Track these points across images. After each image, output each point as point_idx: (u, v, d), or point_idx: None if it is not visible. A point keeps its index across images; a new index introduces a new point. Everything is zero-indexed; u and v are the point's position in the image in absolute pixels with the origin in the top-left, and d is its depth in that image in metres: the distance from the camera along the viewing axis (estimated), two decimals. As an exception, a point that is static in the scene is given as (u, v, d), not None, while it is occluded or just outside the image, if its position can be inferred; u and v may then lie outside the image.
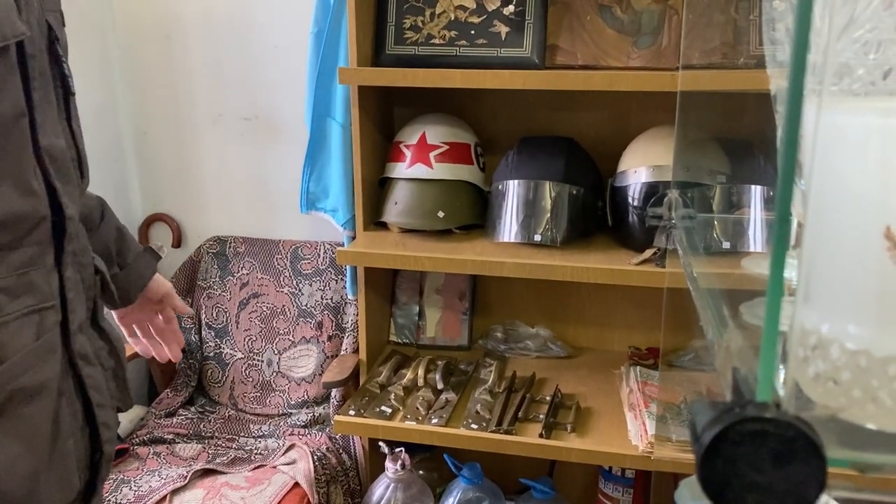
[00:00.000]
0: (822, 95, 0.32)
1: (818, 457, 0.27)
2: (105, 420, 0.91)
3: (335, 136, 1.66)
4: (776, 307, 0.27)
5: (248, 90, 1.92)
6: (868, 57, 0.36)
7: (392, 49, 1.55)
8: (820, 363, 0.32)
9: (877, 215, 0.31)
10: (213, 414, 1.88)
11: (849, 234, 0.32)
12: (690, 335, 1.52)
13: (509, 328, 1.83)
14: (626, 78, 1.38)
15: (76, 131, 0.88)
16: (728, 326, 0.41)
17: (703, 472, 0.27)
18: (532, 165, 1.55)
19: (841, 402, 0.31)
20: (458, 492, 1.60)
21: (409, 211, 1.58)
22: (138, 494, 1.54)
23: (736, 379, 0.30)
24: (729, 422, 0.27)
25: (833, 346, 0.32)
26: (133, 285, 1.14)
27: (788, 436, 0.26)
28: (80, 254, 0.89)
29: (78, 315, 0.87)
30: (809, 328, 0.33)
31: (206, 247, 1.97)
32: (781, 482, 0.27)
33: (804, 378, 0.33)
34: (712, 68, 1.23)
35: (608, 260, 1.44)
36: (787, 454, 0.27)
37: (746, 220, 1.19)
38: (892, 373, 0.30)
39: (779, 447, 0.27)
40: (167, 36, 1.92)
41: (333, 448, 1.74)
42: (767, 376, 0.28)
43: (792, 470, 0.27)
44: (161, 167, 2.04)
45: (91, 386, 0.88)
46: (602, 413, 1.52)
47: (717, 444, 0.27)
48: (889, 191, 0.30)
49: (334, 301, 1.87)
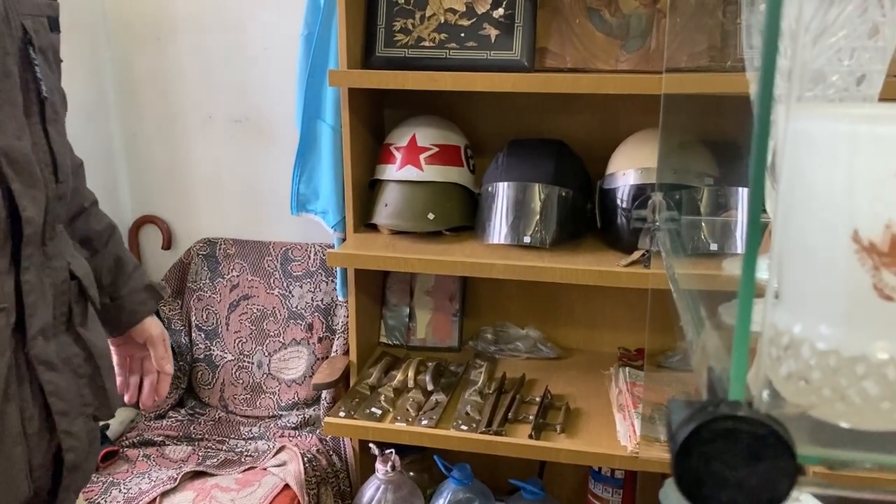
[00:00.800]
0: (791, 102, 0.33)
1: (789, 454, 0.27)
2: (68, 428, 0.89)
3: (325, 138, 1.66)
4: (748, 307, 0.27)
5: (238, 92, 1.92)
6: (842, 63, 0.37)
7: (382, 51, 1.56)
8: (792, 363, 0.33)
9: (845, 219, 0.31)
10: (204, 416, 1.88)
11: (819, 237, 0.33)
12: (676, 336, 1.54)
13: (499, 330, 1.83)
14: (615, 81, 1.39)
15: (52, 134, 0.86)
16: (705, 326, 0.41)
17: (678, 470, 0.28)
18: (522, 168, 1.56)
19: (812, 401, 0.32)
20: (448, 493, 1.60)
21: (400, 213, 1.59)
22: (128, 497, 1.54)
23: (710, 378, 0.30)
24: (702, 420, 0.27)
25: (804, 345, 0.33)
26: (122, 320, 1.12)
27: (760, 434, 0.27)
28: (52, 257, 0.88)
29: (39, 319, 0.85)
30: (782, 328, 0.34)
31: (196, 249, 1.97)
32: (753, 479, 0.27)
33: (777, 377, 0.34)
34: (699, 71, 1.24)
35: (597, 261, 1.45)
36: (758, 452, 0.27)
37: (733, 222, 1.20)
38: (860, 372, 0.31)
39: (751, 445, 0.27)
40: (158, 38, 1.92)
41: (324, 450, 1.74)
42: (739, 375, 0.28)
43: (764, 467, 0.27)
44: (151, 169, 2.03)
45: (51, 392, 0.86)
46: (591, 414, 1.53)
47: (690, 443, 0.28)
48: (857, 196, 0.31)
49: (324, 303, 1.87)
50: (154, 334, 1.15)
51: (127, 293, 1.11)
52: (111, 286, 1.10)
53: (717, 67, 1.28)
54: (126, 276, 1.12)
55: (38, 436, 0.86)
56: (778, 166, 0.33)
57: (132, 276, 1.13)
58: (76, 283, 0.93)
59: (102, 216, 1.14)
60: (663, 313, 1.39)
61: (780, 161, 0.33)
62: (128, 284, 1.11)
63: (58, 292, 0.89)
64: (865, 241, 0.31)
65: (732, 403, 0.28)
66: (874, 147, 0.31)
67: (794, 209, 0.33)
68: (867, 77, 0.38)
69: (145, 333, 1.14)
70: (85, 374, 0.94)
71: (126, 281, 1.11)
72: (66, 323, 0.92)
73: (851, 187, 0.31)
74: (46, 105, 0.85)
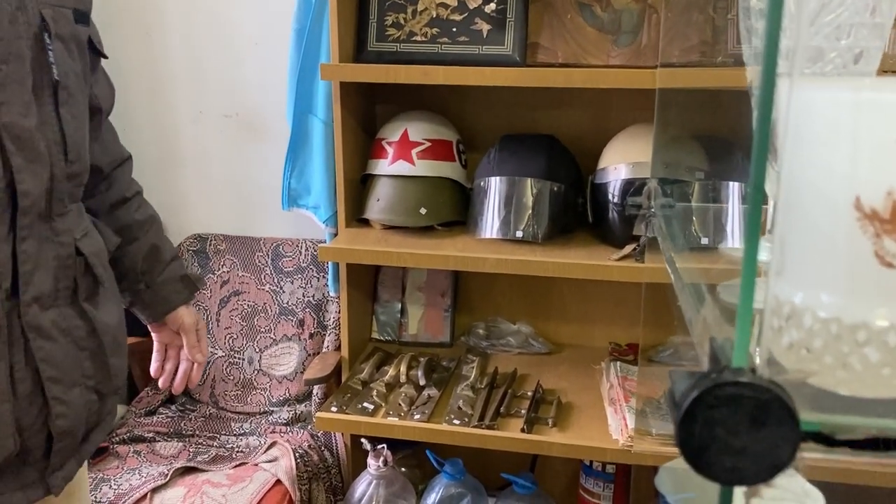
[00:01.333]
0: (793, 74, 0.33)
1: (792, 420, 0.27)
2: (60, 395, 0.93)
3: (317, 132, 1.66)
4: (752, 270, 0.28)
5: (229, 87, 1.91)
6: (840, 41, 0.37)
7: (374, 46, 1.56)
8: (794, 332, 0.33)
9: (847, 187, 0.32)
10: (194, 412, 1.87)
11: (821, 206, 0.33)
12: (669, 331, 1.54)
13: (491, 325, 1.84)
14: (606, 76, 1.40)
15: (64, 116, 0.91)
16: (706, 301, 0.42)
17: (682, 437, 0.28)
18: (514, 162, 1.56)
19: (813, 369, 0.32)
20: (440, 488, 1.60)
21: (392, 208, 1.59)
22: (118, 493, 1.53)
23: (713, 347, 0.31)
24: (706, 386, 0.28)
25: (806, 314, 0.33)
26: (157, 307, 1.19)
27: (763, 399, 0.27)
28: (60, 233, 0.93)
29: (35, 288, 0.89)
30: (783, 299, 0.34)
31: (186, 244, 1.96)
32: (757, 445, 0.28)
33: (778, 347, 0.34)
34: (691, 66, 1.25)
35: (589, 256, 1.45)
36: (762, 418, 0.28)
37: (725, 216, 1.21)
38: (861, 339, 0.32)
39: (754, 411, 0.27)
40: (147, 33, 1.91)
41: (315, 445, 1.74)
42: (743, 342, 0.29)
43: (767, 433, 0.28)
44: (141, 164, 1.99)
45: (41, 359, 0.91)
46: (583, 408, 1.54)
47: (694, 409, 0.28)
48: (858, 163, 0.31)
49: (316, 299, 1.87)
50: (187, 323, 1.21)
51: (162, 281, 1.18)
52: (147, 273, 1.17)
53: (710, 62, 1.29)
54: (162, 264, 1.18)
55: (28, 398, 0.91)
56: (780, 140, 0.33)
57: (169, 266, 1.19)
58: (82, 259, 0.97)
59: (146, 207, 1.22)
60: (655, 308, 1.40)
61: (783, 133, 0.33)
62: (163, 273, 1.18)
63: (61, 265, 0.93)
64: (867, 209, 0.31)
65: (736, 370, 0.28)
66: (877, 114, 0.31)
67: (795, 179, 0.33)
68: (865, 54, 0.38)
69: (178, 321, 1.21)
70: (87, 347, 0.98)
71: (162, 270, 1.18)
72: (71, 296, 0.96)
73: (854, 155, 0.31)
74: (59, 88, 0.90)
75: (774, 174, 0.38)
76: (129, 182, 1.21)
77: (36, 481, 0.96)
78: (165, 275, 1.19)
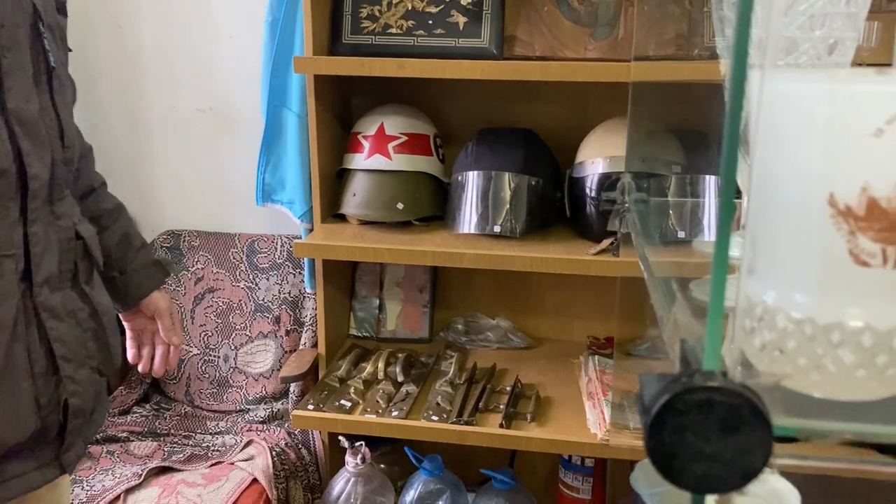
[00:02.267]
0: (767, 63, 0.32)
1: (765, 425, 0.26)
2: (72, 374, 0.97)
3: (291, 126, 1.63)
4: (722, 272, 0.26)
5: (202, 81, 1.88)
6: (814, 32, 0.36)
7: (349, 38, 1.53)
8: (766, 333, 0.32)
9: (821, 182, 0.31)
10: (169, 411, 1.84)
11: (794, 202, 0.32)
12: (645, 324, 1.54)
13: (470, 320, 1.83)
14: (583, 69, 1.39)
15: (58, 103, 0.95)
16: (677, 300, 0.41)
17: (651, 443, 0.27)
18: (491, 157, 1.55)
19: (786, 371, 0.31)
20: (419, 484, 1.59)
21: (368, 202, 1.57)
22: (91, 494, 1.50)
23: (683, 349, 0.29)
24: (676, 391, 0.26)
25: (779, 315, 0.32)
26: (130, 293, 1.20)
27: (735, 404, 0.26)
28: (60, 217, 0.96)
29: (45, 269, 0.93)
30: (755, 299, 0.33)
31: (159, 241, 1.93)
32: (729, 451, 0.27)
33: (751, 349, 0.33)
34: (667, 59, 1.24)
35: (567, 250, 1.45)
36: (733, 423, 0.27)
37: (701, 210, 1.21)
38: (835, 340, 0.31)
39: (726, 416, 0.26)
40: (119, 25, 1.87)
41: (292, 443, 1.72)
42: (714, 345, 0.28)
43: (739, 439, 0.27)
44: (113, 160, 1.98)
45: (55, 338, 0.94)
46: (561, 402, 1.53)
47: (664, 414, 0.27)
48: (833, 158, 0.30)
49: (292, 295, 1.85)
50: (161, 307, 1.23)
51: (135, 268, 1.20)
52: (120, 261, 1.18)
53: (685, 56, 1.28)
54: (134, 251, 1.20)
55: (44, 377, 0.94)
56: (752, 134, 0.32)
57: (140, 252, 1.21)
58: (81, 242, 1.01)
59: (111, 196, 1.23)
60: (632, 301, 1.40)
61: (755, 127, 0.32)
62: (136, 259, 1.20)
63: (63, 249, 0.97)
64: (841, 205, 0.30)
65: (706, 373, 0.27)
66: (851, 106, 0.30)
67: (768, 174, 0.32)
68: (839, 45, 0.38)
69: (153, 306, 1.22)
70: (89, 328, 1.02)
71: (134, 256, 1.20)
72: (72, 279, 0.99)
73: (828, 148, 0.30)
74: (54, 76, 0.93)
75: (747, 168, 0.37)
76: (94, 172, 1.23)
77: (51, 461, 0.99)
78: (138, 261, 1.20)
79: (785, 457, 0.27)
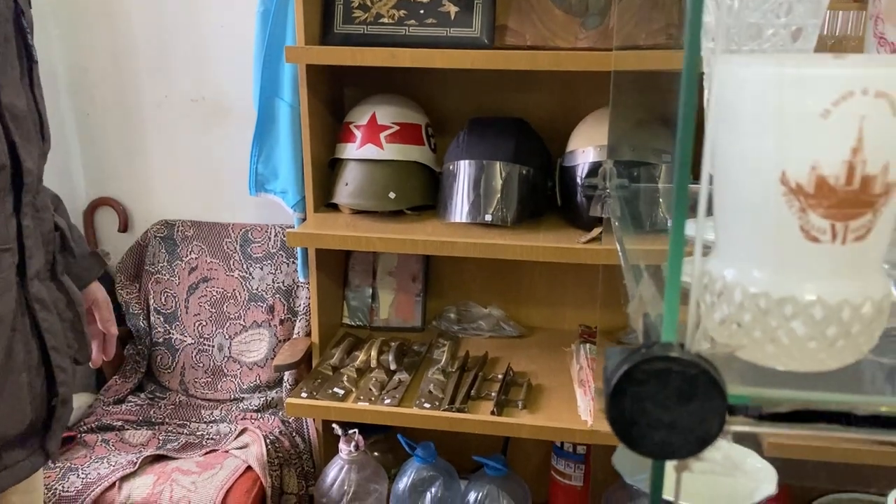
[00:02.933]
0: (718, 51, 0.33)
1: (720, 394, 0.28)
2: (60, 364, 0.99)
3: (283, 116, 1.64)
4: (679, 249, 0.28)
5: (194, 70, 1.88)
6: (778, 18, 0.37)
7: (340, 28, 1.54)
8: (725, 307, 0.33)
9: (774, 162, 0.32)
10: (164, 400, 1.85)
11: (748, 181, 0.33)
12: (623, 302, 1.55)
13: (462, 309, 1.84)
14: (574, 58, 1.40)
15: (38, 96, 0.96)
16: (643, 278, 0.42)
17: (612, 412, 0.28)
18: (483, 146, 1.56)
19: (742, 343, 0.33)
20: (412, 471, 1.61)
21: (361, 192, 1.58)
22: (86, 482, 1.51)
23: (646, 324, 0.31)
24: (635, 361, 0.28)
25: (736, 290, 0.33)
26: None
27: (691, 374, 0.27)
28: (40, 209, 0.98)
29: (35, 261, 0.95)
30: (716, 275, 0.34)
31: (153, 231, 1.94)
32: (685, 419, 0.28)
33: (711, 324, 0.34)
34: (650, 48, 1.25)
35: (557, 239, 1.46)
36: (690, 392, 0.28)
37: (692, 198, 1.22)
38: (788, 313, 0.32)
39: (682, 385, 0.28)
40: (108, 14, 1.87)
41: (286, 431, 1.73)
42: (671, 317, 0.29)
43: (695, 407, 0.28)
44: (105, 150, 1.99)
45: (46, 329, 0.97)
46: (553, 390, 1.55)
47: (623, 384, 0.28)
48: (784, 138, 0.31)
49: (286, 284, 1.86)
50: (99, 298, 1.23)
51: (75, 259, 1.18)
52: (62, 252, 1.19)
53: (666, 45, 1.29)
54: (73, 242, 1.18)
55: (36, 369, 0.96)
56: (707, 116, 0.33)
57: (78, 244, 1.19)
58: (59, 234, 1.04)
59: (46, 188, 1.21)
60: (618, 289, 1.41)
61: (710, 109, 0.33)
62: (76, 251, 1.18)
63: (46, 240, 0.99)
64: (793, 183, 0.31)
65: (664, 345, 0.28)
66: (800, 88, 0.31)
67: (724, 155, 0.33)
68: (803, 32, 0.38)
69: (91, 297, 1.22)
70: (67, 318, 1.04)
71: (71, 247, 1.18)
72: (51, 271, 1.01)
73: (779, 129, 0.31)
74: (34, 69, 0.95)
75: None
76: None
77: (38, 449, 1.01)
78: (78, 252, 1.18)
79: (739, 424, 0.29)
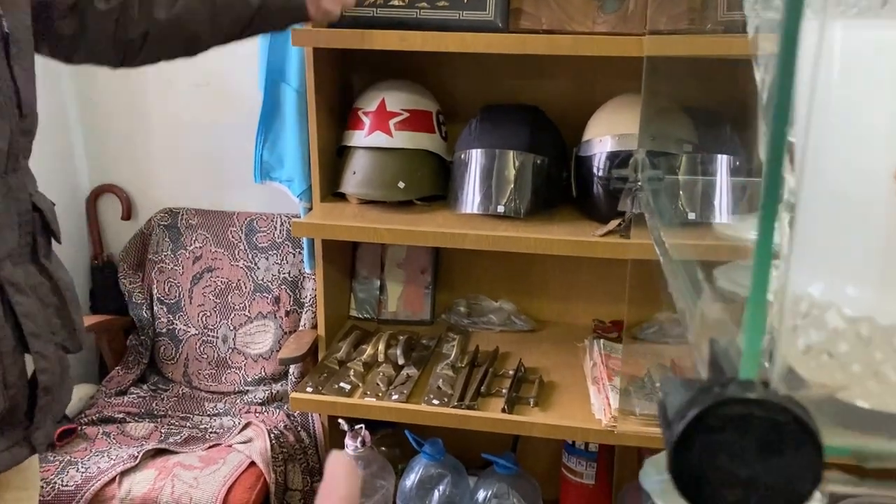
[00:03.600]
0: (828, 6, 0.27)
1: (814, 445, 0.22)
2: (40, 350, 0.96)
3: (289, 102, 1.58)
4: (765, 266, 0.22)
5: (198, 56, 1.82)
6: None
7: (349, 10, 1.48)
8: (812, 333, 0.28)
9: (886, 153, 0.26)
10: (167, 392, 1.82)
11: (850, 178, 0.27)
12: (654, 307, 1.50)
13: (472, 302, 1.79)
14: (592, 43, 1.34)
15: (16, 71, 0.91)
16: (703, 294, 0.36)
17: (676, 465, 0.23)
18: (496, 134, 1.50)
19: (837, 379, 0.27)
20: (419, 468, 1.57)
21: (369, 181, 1.53)
22: (86, 476, 1.47)
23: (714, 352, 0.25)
24: (707, 404, 0.22)
25: (829, 312, 0.28)
26: None
27: (779, 420, 0.22)
28: (15, 189, 0.94)
29: (6, 244, 0.91)
30: (799, 291, 0.28)
31: (157, 219, 1.89)
32: (769, 476, 0.23)
33: (793, 351, 0.29)
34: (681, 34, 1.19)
35: (572, 231, 1.40)
36: (776, 442, 0.22)
37: (713, 190, 1.16)
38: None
39: (767, 434, 0.22)
40: None
41: (291, 426, 1.69)
42: (754, 349, 0.23)
43: (782, 461, 0.22)
44: (109, 136, 1.94)
45: (22, 314, 0.93)
46: (565, 387, 1.50)
47: (692, 432, 0.23)
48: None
49: (292, 275, 1.81)
50: None
51: None
52: None
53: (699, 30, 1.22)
54: None
55: (11, 355, 0.93)
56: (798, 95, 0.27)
57: None
58: (39, 215, 0.98)
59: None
60: (640, 284, 1.36)
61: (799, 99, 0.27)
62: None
63: (22, 221, 0.95)
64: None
65: (744, 383, 0.23)
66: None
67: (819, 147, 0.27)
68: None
69: None
70: (51, 303, 1.00)
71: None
72: (31, 254, 0.97)
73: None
74: (10, 42, 0.90)
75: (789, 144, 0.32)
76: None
77: (21, 441, 0.98)
78: None
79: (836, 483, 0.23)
